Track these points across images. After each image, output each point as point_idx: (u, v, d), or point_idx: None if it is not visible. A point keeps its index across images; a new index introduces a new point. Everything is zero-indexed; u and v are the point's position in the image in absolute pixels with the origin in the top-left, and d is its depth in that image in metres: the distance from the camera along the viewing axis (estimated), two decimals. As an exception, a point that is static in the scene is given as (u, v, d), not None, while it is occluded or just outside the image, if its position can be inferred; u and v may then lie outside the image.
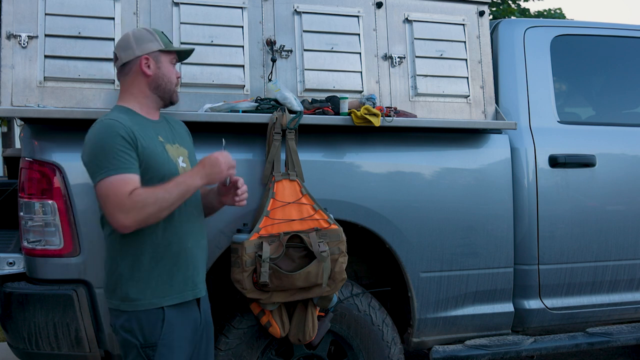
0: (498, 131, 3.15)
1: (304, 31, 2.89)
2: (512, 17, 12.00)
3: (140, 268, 2.17)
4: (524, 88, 3.28)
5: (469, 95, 3.11)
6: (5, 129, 13.86)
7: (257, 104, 2.71)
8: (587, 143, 3.31)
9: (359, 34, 2.96)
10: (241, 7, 2.82)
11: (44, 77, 2.57)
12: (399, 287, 3.12)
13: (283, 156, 2.70)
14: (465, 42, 3.12)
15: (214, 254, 2.66)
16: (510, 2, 13.00)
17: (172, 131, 2.35)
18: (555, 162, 3.20)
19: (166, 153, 2.24)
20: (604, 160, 3.29)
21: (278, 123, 2.65)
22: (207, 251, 2.40)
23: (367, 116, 2.70)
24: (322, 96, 2.84)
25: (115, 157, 2.08)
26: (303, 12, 2.90)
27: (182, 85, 2.71)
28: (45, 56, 2.57)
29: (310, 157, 2.80)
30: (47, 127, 2.59)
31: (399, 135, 2.98)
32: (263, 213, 2.61)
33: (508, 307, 3.19)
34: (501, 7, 12.41)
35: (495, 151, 3.12)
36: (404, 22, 3.05)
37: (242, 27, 2.81)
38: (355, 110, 2.73)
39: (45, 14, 2.57)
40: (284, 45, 2.85)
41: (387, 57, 3.00)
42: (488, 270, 3.10)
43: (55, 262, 2.56)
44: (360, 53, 2.96)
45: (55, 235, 2.53)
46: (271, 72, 2.82)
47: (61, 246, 2.54)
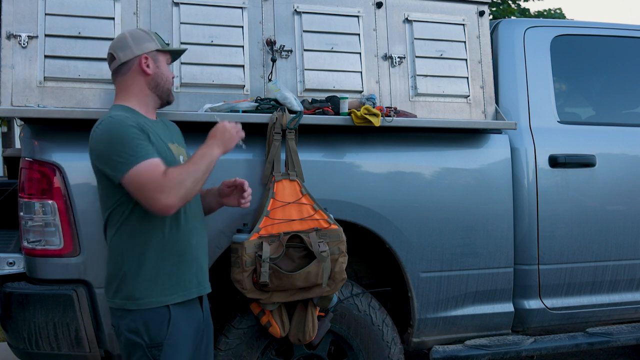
0: (498, 131, 3.15)
1: (304, 31, 2.89)
2: (512, 17, 12.00)
3: (146, 266, 2.16)
4: (524, 88, 3.28)
5: (469, 95, 3.11)
6: (5, 129, 13.87)
7: (257, 104, 2.71)
8: (587, 143, 3.31)
9: (359, 34, 2.96)
10: (241, 7, 2.82)
11: (44, 77, 2.57)
12: (399, 287, 3.12)
13: (283, 156, 2.70)
14: (465, 42, 3.12)
15: (214, 254, 2.66)
16: (510, 2, 13.00)
17: (169, 131, 2.36)
18: (555, 162, 3.20)
19: (170, 151, 2.25)
20: (604, 160, 3.29)
21: (278, 123, 2.65)
22: (207, 249, 2.40)
23: (367, 116, 2.70)
24: (322, 96, 2.84)
25: (136, 145, 2.07)
26: (303, 12, 2.90)
27: (182, 85, 2.71)
28: (45, 56, 2.57)
29: (310, 157, 2.80)
30: (47, 127, 2.59)
31: (399, 135, 2.98)
32: (263, 213, 2.61)
33: (508, 307, 3.19)
34: (501, 7, 12.41)
35: (495, 151, 3.12)
36: (404, 22, 3.05)
37: (242, 27, 2.81)
38: (355, 110, 2.73)
39: (45, 14, 2.57)
40: (284, 45, 2.85)
41: (387, 57, 3.00)
42: (488, 270, 3.10)
43: (55, 262, 2.56)
44: (360, 53, 2.96)
45: (55, 235, 2.53)
46: (271, 72, 2.82)
47: (61, 246, 2.54)
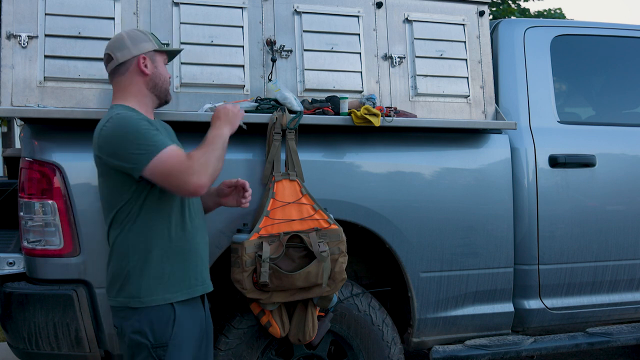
0: (498, 131, 3.15)
1: (304, 31, 2.89)
2: (512, 17, 12.00)
3: (152, 264, 2.16)
4: (524, 88, 3.28)
5: (469, 95, 3.11)
6: (5, 129, 13.87)
7: (257, 104, 2.71)
8: (587, 143, 3.31)
9: (359, 34, 2.96)
10: (241, 7, 2.82)
11: (44, 77, 2.56)
12: (399, 287, 3.12)
13: (283, 156, 2.70)
14: (465, 42, 3.11)
15: (214, 254, 2.66)
16: (510, 2, 13.00)
17: (166, 131, 2.37)
18: (555, 162, 3.20)
19: None
20: (604, 160, 3.29)
21: (278, 123, 2.65)
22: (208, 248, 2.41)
23: (367, 116, 2.69)
24: (322, 96, 2.84)
25: (152, 136, 2.10)
26: (303, 12, 2.90)
27: (182, 85, 2.71)
28: (45, 56, 2.57)
29: (310, 157, 2.80)
30: (47, 127, 2.59)
31: (399, 135, 2.98)
32: (263, 213, 2.61)
33: (508, 307, 3.19)
34: (501, 7, 12.41)
35: (495, 151, 3.12)
36: (404, 22, 3.05)
37: (242, 27, 2.81)
38: (355, 110, 2.73)
39: (45, 14, 2.57)
40: (284, 45, 2.85)
41: (387, 57, 3.00)
42: (488, 270, 3.10)
43: (55, 262, 2.56)
44: (360, 53, 2.96)
45: (55, 235, 2.53)
46: (271, 72, 2.82)
47: (61, 246, 2.54)
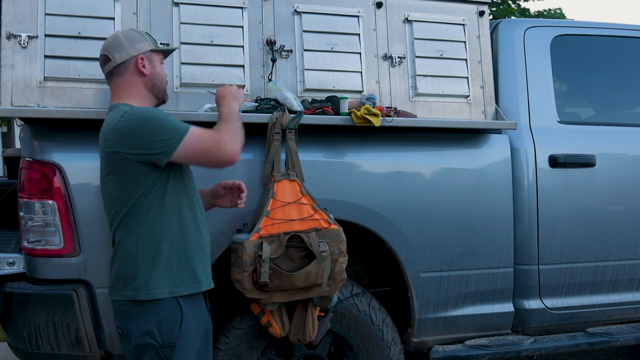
0: (498, 131, 3.15)
1: (304, 31, 2.89)
2: (512, 17, 12.00)
3: (161, 256, 2.16)
4: (524, 88, 3.28)
5: (469, 95, 3.11)
6: (5, 129, 13.87)
7: (257, 104, 2.71)
8: (587, 143, 3.31)
9: (359, 34, 2.96)
10: (241, 7, 2.82)
11: (44, 77, 2.56)
12: (399, 287, 3.12)
13: (283, 156, 2.70)
14: (465, 42, 3.11)
15: (214, 254, 2.66)
16: (510, 2, 13.00)
17: None
18: (555, 162, 3.20)
19: None
20: (604, 160, 3.29)
21: (278, 123, 2.65)
22: None
23: (367, 116, 2.69)
24: (322, 96, 2.84)
25: (173, 120, 2.17)
26: (303, 12, 2.90)
27: (182, 85, 2.71)
28: (45, 56, 2.57)
29: (310, 157, 2.80)
30: (47, 127, 2.59)
31: (399, 135, 2.98)
32: (263, 213, 2.61)
33: (508, 307, 3.19)
34: (501, 7, 12.41)
35: (495, 151, 3.12)
36: (404, 22, 3.05)
37: (242, 27, 2.81)
38: (355, 110, 2.73)
39: (45, 14, 2.57)
40: (284, 45, 2.85)
41: (387, 57, 3.00)
42: (488, 270, 3.10)
43: (55, 262, 2.56)
44: (360, 53, 2.96)
45: (55, 235, 2.53)
46: (271, 72, 2.82)
47: (61, 246, 2.54)
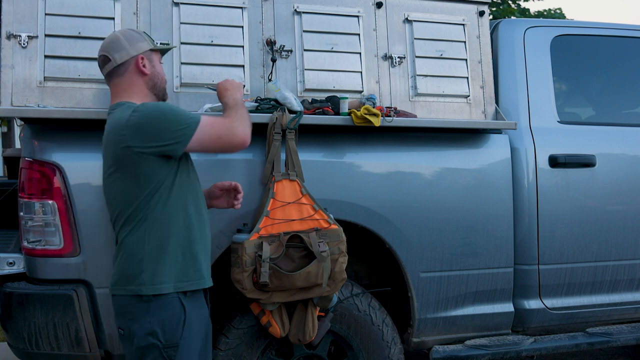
0: (498, 131, 3.15)
1: (304, 31, 2.89)
2: (512, 17, 12.00)
3: (167, 251, 2.16)
4: (524, 88, 3.28)
5: (469, 95, 3.11)
6: (5, 129, 13.87)
7: (257, 104, 2.71)
8: (587, 143, 3.31)
9: (359, 34, 2.96)
10: (241, 7, 2.82)
11: (44, 77, 2.56)
12: (399, 287, 3.12)
13: (283, 156, 2.70)
14: (465, 42, 3.11)
15: (214, 254, 2.66)
16: (510, 2, 13.00)
17: None
18: (555, 162, 3.20)
19: None
20: (604, 160, 3.29)
21: (278, 123, 2.65)
22: None
23: (367, 116, 2.69)
24: (322, 96, 2.84)
25: (184, 111, 2.23)
26: (303, 12, 2.90)
27: (182, 85, 2.71)
28: (45, 56, 2.56)
29: (310, 157, 2.80)
30: (47, 127, 2.59)
31: (399, 135, 2.98)
32: (263, 213, 2.61)
33: (508, 307, 3.19)
34: (501, 7, 12.41)
35: (495, 151, 3.12)
36: (404, 22, 3.05)
37: (242, 27, 2.81)
38: (355, 110, 2.73)
39: (45, 14, 2.57)
40: (284, 45, 2.84)
41: (387, 57, 3.00)
42: (488, 270, 3.10)
43: (55, 262, 2.56)
44: (360, 53, 2.96)
45: (55, 235, 2.53)
46: (271, 72, 2.82)
47: (61, 246, 2.54)
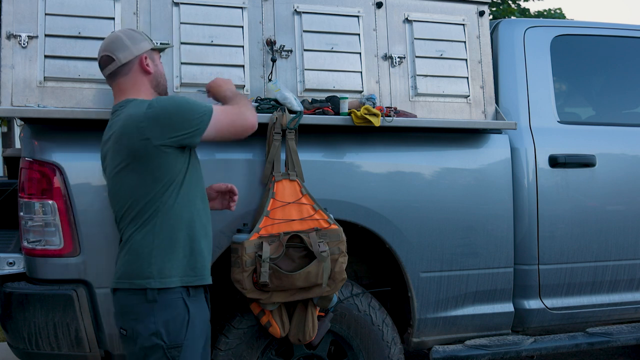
0: (498, 131, 3.15)
1: (304, 31, 2.89)
2: (512, 17, 12.00)
3: (175, 246, 2.18)
4: (524, 88, 3.28)
5: (469, 95, 3.11)
6: (5, 129, 13.88)
7: (257, 104, 2.71)
8: (587, 143, 3.31)
9: (359, 34, 2.96)
10: (241, 7, 2.82)
11: (44, 77, 2.56)
12: (399, 287, 3.12)
13: (283, 156, 2.70)
14: (465, 42, 3.11)
15: (214, 254, 2.66)
16: (510, 2, 13.00)
17: None
18: (555, 162, 3.20)
19: None
20: (604, 160, 3.29)
21: (278, 123, 2.64)
22: None
23: (367, 116, 2.69)
24: (322, 96, 2.84)
25: (196, 100, 2.30)
26: (303, 12, 2.90)
27: (182, 85, 2.71)
28: (45, 56, 2.56)
29: (310, 157, 2.80)
30: (47, 127, 2.59)
31: (399, 135, 2.98)
32: (263, 213, 2.61)
33: (508, 307, 3.19)
34: (501, 7, 12.41)
35: (495, 151, 3.12)
36: (404, 22, 3.05)
37: (242, 27, 2.81)
38: (355, 110, 2.73)
39: (45, 14, 2.57)
40: (284, 45, 2.84)
41: (387, 57, 3.00)
42: (488, 270, 3.10)
43: (55, 262, 2.56)
44: (360, 53, 2.95)
45: (55, 235, 2.53)
46: (271, 72, 2.82)
47: (61, 246, 2.54)
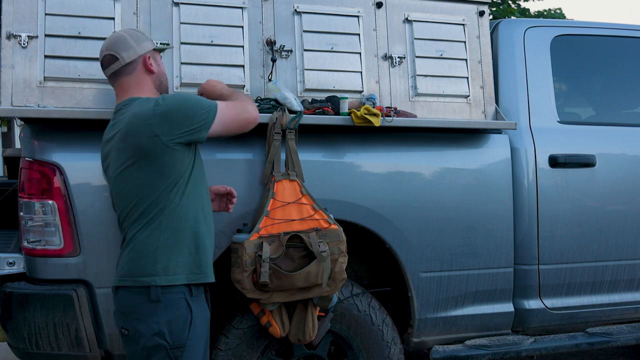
0: (498, 131, 3.15)
1: (304, 31, 2.89)
2: (512, 17, 12.00)
3: (182, 242, 2.19)
4: (524, 88, 3.28)
5: (469, 95, 3.11)
6: (5, 129, 13.88)
7: (257, 104, 2.71)
8: (587, 143, 3.31)
9: (359, 34, 2.96)
10: (241, 7, 2.82)
11: (44, 77, 2.56)
12: (399, 287, 3.12)
13: (283, 156, 2.70)
14: (465, 42, 3.11)
15: (214, 254, 2.65)
16: (510, 2, 13.00)
17: None
18: (555, 162, 3.20)
19: None
20: (604, 160, 3.29)
21: (278, 123, 2.65)
22: None
23: (367, 116, 2.69)
24: (322, 96, 2.84)
25: (202, 97, 2.34)
26: (303, 12, 2.90)
27: (182, 85, 2.71)
28: (45, 56, 2.56)
29: (310, 157, 2.80)
30: (47, 127, 2.59)
31: (399, 135, 2.98)
32: (263, 213, 2.61)
33: (508, 307, 3.19)
34: (501, 7, 12.42)
35: (495, 151, 3.12)
36: (404, 22, 3.05)
37: (242, 27, 2.81)
38: (355, 110, 2.73)
39: (45, 14, 2.57)
40: (284, 45, 2.84)
41: (387, 57, 3.00)
42: (488, 270, 3.10)
43: (55, 262, 2.56)
44: (360, 53, 2.95)
45: (55, 235, 2.53)
46: (271, 72, 2.82)
47: (61, 246, 2.54)
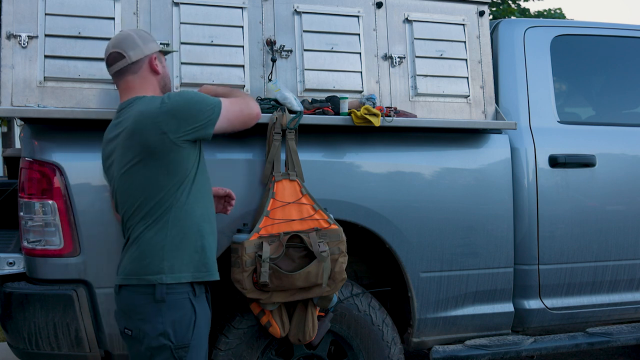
0: (498, 131, 3.15)
1: (304, 31, 2.89)
2: (512, 17, 12.00)
3: (188, 241, 2.20)
4: (524, 88, 3.28)
5: (469, 95, 3.11)
6: (5, 129, 13.88)
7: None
8: (587, 143, 3.31)
9: (359, 34, 2.96)
10: (241, 7, 2.82)
11: (44, 77, 2.56)
12: (399, 287, 3.12)
13: (283, 156, 2.70)
14: (465, 42, 3.11)
15: (214, 254, 2.66)
16: (510, 2, 13.00)
17: None
18: (555, 162, 3.20)
19: None
20: (604, 160, 3.29)
21: (278, 123, 2.65)
22: None
23: (367, 116, 2.69)
24: (322, 96, 2.84)
25: (206, 95, 2.35)
26: (303, 12, 2.90)
27: (182, 85, 2.71)
28: (45, 56, 2.57)
29: (310, 157, 2.80)
30: (47, 127, 2.59)
31: (399, 135, 2.98)
32: (263, 213, 2.61)
33: (508, 307, 3.19)
34: (501, 7, 12.41)
35: (495, 151, 3.12)
36: (404, 22, 3.05)
37: (242, 27, 2.81)
38: (355, 110, 2.73)
39: (45, 14, 2.57)
40: (284, 45, 2.84)
41: (387, 57, 3.00)
42: (488, 270, 3.10)
43: (55, 262, 2.56)
44: (360, 53, 2.96)
45: (55, 235, 2.53)
46: (271, 72, 2.82)
47: (61, 246, 2.54)
